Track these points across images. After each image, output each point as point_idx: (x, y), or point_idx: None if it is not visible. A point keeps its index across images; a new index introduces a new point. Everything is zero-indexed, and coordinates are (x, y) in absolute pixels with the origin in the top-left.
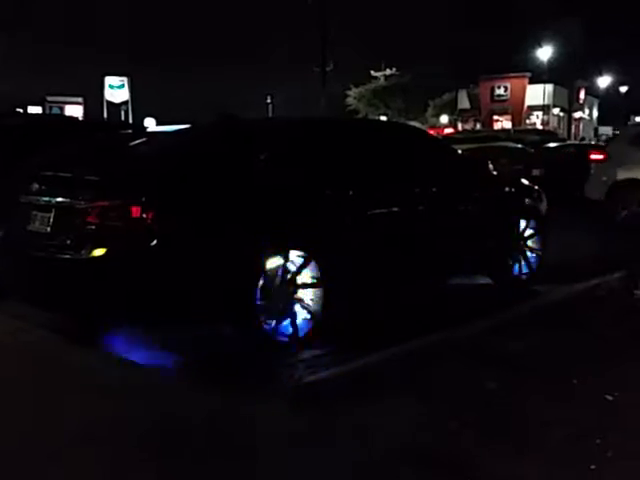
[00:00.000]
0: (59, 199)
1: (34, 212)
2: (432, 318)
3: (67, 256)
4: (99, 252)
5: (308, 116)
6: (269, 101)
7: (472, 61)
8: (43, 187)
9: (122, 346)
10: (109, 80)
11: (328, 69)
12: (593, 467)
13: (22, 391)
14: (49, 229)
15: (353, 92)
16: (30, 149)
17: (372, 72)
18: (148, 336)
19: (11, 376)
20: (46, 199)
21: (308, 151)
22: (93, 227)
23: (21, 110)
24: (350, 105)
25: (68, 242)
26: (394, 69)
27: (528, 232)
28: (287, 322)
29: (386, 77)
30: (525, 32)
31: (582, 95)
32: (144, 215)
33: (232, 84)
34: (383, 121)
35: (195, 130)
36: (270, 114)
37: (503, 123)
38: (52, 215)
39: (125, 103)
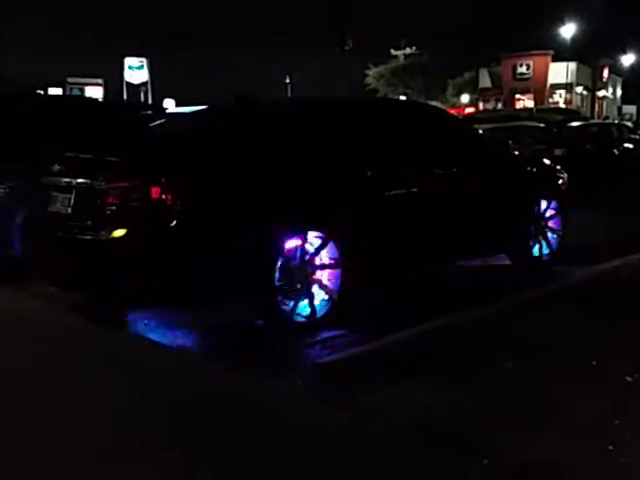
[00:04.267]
0: (79, 180)
1: (55, 193)
2: (450, 299)
3: (87, 237)
4: (119, 233)
5: (326, 96)
6: (288, 81)
7: (494, 38)
8: (64, 168)
9: (141, 326)
10: (128, 61)
11: (347, 48)
12: (611, 447)
13: (42, 367)
14: (70, 210)
15: (372, 72)
16: (50, 130)
17: (392, 51)
18: (167, 316)
19: (31, 354)
20: (67, 180)
21: (326, 131)
22: (113, 208)
23: (42, 92)
24: (369, 85)
25: (88, 223)
26: (414, 48)
27: (549, 212)
28: (305, 303)
29: (406, 56)
30: (548, 9)
31: (606, 73)
32: (164, 196)
33: (251, 64)
34: (402, 100)
35: (214, 111)
36: (289, 94)
37: (525, 102)
38: (73, 196)
39: (144, 84)
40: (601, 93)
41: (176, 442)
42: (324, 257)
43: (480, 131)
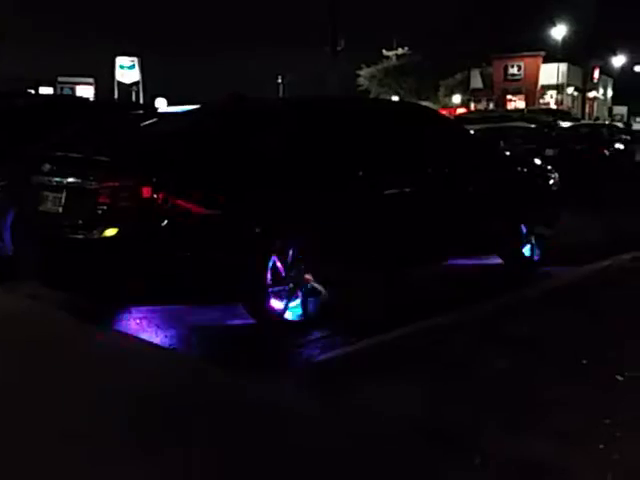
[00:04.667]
0: (70, 180)
1: (45, 193)
2: (442, 299)
3: (79, 236)
4: (110, 232)
5: (316, 95)
6: (280, 81)
7: (485, 39)
8: (54, 168)
9: (134, 326)
10: (120, 60)
11: (339, 48)
12: (602, 446)
13: (33, 367)
14: (61, 210)
15: (364, 72)
16: (41, 130)
17: (384, 51)
18: (160, 316)
19: (22, 354)
20: (57, 180)
21: (318, 130)
22: (104, 207)
23: (32, 91)
24: (361, 85)
25: (80, 222)
26: (406, 48)
27: (540, 213)
28: (297, 302)
29: (398, 56)
30: (539, 10)
31: (596, 74)
32: (155, 195)
33: (243, 64)
34: (393, 101)
35: (205, 110)
36: (281, 94)
37: (516, 103)
38: (63, 196)
39: (136, 84)
40: (592, 94)
41: (173, 442)
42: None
43: (471, 132)
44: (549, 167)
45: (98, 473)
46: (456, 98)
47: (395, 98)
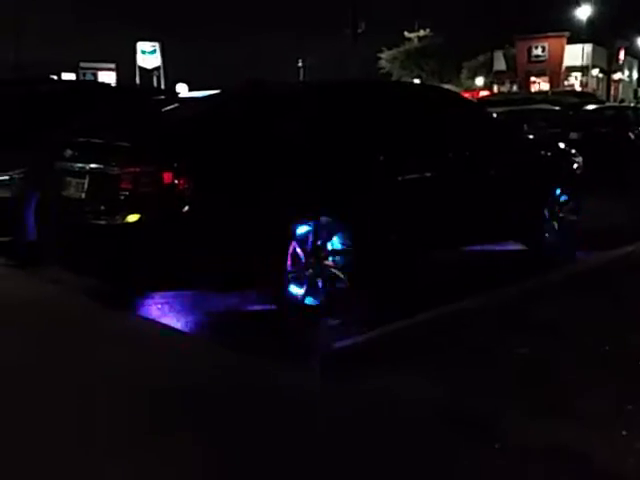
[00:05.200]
0: (93, 165)
1: (68, 178)
2: (464, 284)
3: (101, 222)
4: (133, 218)
5: (338, 79)
6: (300, 65)
7: (509, 20)
8: (77, 153)
9: (155, 311)
10: (141, 46)
11: (359, 31)
12: (624, 433)
13: (54, 351)
14: (83, 195)
15: (386, 54)
16: (64, 115)
17: (405, 33)
18: (180, 301)
19: (44, 338)
20: (80, 165)
21: (338, 114)
22: (126, 193)
23: (55, 77)
24: (383, 68)
25: (102, 208)
26: (428, 30)
27: (563, 197)
28: (317, 288)
29: (420, 38)
30: None
31: (622, 56)
32: (176, 181)
33: (264, 48)
34: (415, 84)
35: (225, 95)
36: (301, 78)
37: (540, 85)
38: (86, 181)
39: (157, 69)
40: (617, 76)
41: (192, 425)
42: (336, 243)
43: (494, 114)
44: (573, 151)
45: (113, 454)
46: (479, 80)
47: (417, 81)
